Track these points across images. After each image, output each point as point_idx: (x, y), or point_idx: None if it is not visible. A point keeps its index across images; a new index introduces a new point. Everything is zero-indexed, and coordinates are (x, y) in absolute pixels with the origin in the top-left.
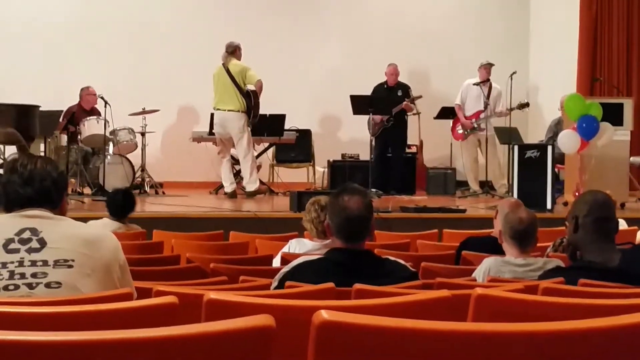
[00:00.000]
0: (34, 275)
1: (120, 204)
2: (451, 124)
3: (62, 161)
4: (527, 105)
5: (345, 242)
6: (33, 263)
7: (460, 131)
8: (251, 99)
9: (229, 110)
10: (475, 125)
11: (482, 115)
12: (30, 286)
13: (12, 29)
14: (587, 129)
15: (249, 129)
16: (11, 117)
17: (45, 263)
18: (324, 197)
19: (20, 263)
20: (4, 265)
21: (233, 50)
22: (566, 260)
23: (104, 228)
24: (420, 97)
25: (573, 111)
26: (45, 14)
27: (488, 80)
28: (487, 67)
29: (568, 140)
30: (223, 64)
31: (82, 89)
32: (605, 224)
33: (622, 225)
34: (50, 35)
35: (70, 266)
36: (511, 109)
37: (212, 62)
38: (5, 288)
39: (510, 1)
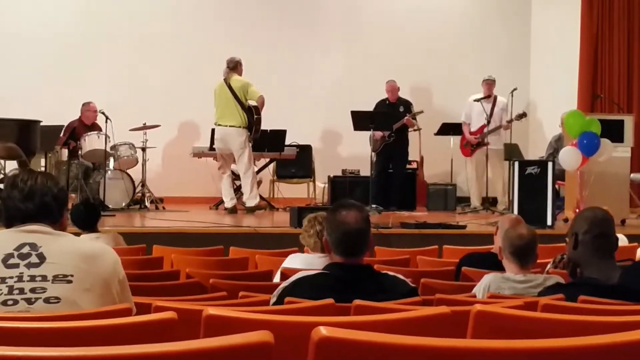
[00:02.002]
0: (32, 290)
1: (84, 216)
2: (459, 141)
3: (62, 176)
4: (524, 115)
5: (344, 257)
6: (32, 278)
7: (466, 146)
8: (252, 114)
9: (230, 126)
10: (480, 141)
11: (485, 130)
12: (29, 301)
13: (13, 43)
14: (588, 146)
15: (250, 144)
16: (12, 132)
17: (44, 278)
18: (321, 213)
19: (20, 278)
20: (3, 280)
21: (234, 66)
22: (566, 276)
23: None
24: (421, 112)
25: (573, 128)
26: (46, 29)
27: (490, 95)
28: (489, 81)
29: (569, 157)
30: (224, 79)
31: (83, 105)
32: (605, 241)
33: (623, 241)
34: (51, 51)
35: (70, 281)
36: (510, 121)
37: (212, 78)
38: (4, 303)
39: (511, 17)
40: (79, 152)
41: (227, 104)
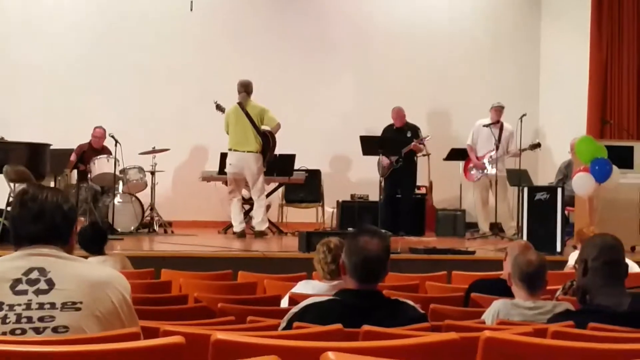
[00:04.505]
0: (41, 319)
1: (91, 239)
2: (463, 165)
3: (72, 199)
4: (538, 145)
5: (360, 282)
6: (41, 306)
7: (473, 172)
8: (268, 140)
9: (247, 152)
10: (487, 166)
11: (493, 156)
12: (37, 330)
13: (25, 69)
14: (601, 172)
15: (264, 169)
16: (22, 155)
17: (52, 306)
18: (335, 239)
19: (28, 306)
20: (11, 307)
21: (251, 90)
22: (576, 303)
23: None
24: (428, 137)
25: (585, 154)
26: (57, 53)
27: (499, 121)
28: (498, 108)
29: (583, 183)
30: (239, 104)
31: (93, 128)
32: (615, 268)
33: (633, 268)
34: (61, 74)
35: (78, 308)
36: (522, 150)
37: (222, 101)
38: (12, 332)
39: (521, 44)
40: (89, 175)
41: (244, 130)
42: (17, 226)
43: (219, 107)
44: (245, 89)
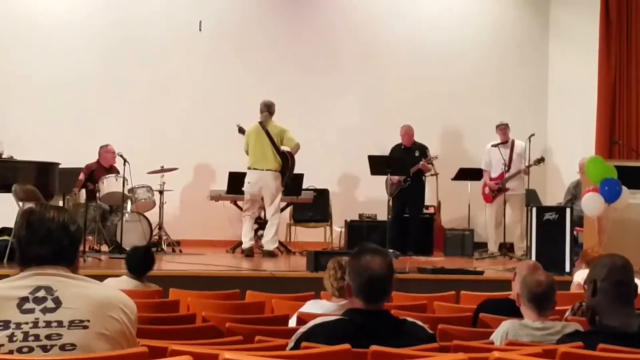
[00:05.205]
0: (48, 337)
1: (139, 262)
2: (481, 187)
3: (80, 219)
4: (542, 160)
5: (367, 302)
6: (48, 324)
7: (487, 192)
8: (287, 160)
9: (267, 170)
10: (500, 187)
11: (505, 176)
12: (44, 348)
13: (32, 88)
14: (610, 192)
15: (282, 189)
16: (31, 174)
17: (60, 324)
18: (346, 257)
19: (35, 324)
20: (18, 325)
21: (274, 111)
22: (585, 324)
23: (122, 285)
24: (437, 157)
25: (594, 174)
26: (66, 72)
27: (507, 140)
28: (501, 127)
29: (592, 203)
30: (260, 123)
31: (101, 147)
32: (624, 288)
33: None
34: (69, 95)
35: (86, 327)
36: (529, 166)
37: (230, 121)
38: (19, 350)
39: (529, 64)
40: (97, 194)
41: (264, 149)
42: (24, 248)
43: (241, 130)
44: (268, 109)
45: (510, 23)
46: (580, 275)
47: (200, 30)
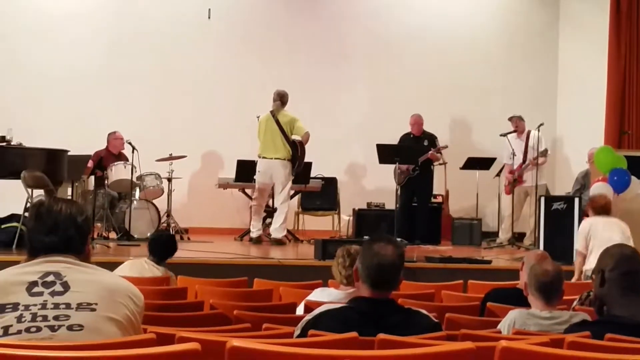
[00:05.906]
0: (56, 317)
1: (161, 247)
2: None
3: (89, 205)
4: (545, 151)
5: (373, 289)
6: (56, 306)
7: (505, 184)
8: (297, 149)
9: (276, 159)
10: (516, 178)
11: (523, 167)
12: (52, 328)
13: (43, 77)
14: (619, 182)
15: (292, 177)
16: (40, 161)
17: (68, 306)
18: (355, 246)
19: (43, 306)
20: (27, 307)
21: (286, 101)
22: (593, 314)
23: (142, 267)
24: (446, 147)
25: (604, 164)
26: (74, 60)
27: (523, 131)
28: (515, 119)
29: (601, 193)
30: (272, 112)
31: (109, 134)
32: (632, 278)
33: None
34: (79, 81)
35: (93, 309)
36: (537, 157)
37: (238, 109)
38: (28, 330)
39: (539, 53)
40: (106, 181)
41: (274, 138)
42: (32, 238)
43: None
44: (281, 98)
45: (520, 14)
46: (586, 225)
47: (209, 18)
